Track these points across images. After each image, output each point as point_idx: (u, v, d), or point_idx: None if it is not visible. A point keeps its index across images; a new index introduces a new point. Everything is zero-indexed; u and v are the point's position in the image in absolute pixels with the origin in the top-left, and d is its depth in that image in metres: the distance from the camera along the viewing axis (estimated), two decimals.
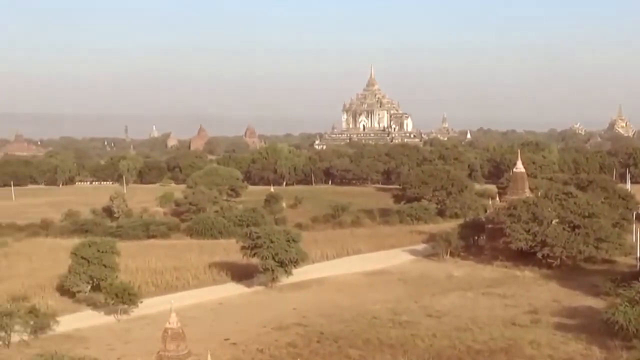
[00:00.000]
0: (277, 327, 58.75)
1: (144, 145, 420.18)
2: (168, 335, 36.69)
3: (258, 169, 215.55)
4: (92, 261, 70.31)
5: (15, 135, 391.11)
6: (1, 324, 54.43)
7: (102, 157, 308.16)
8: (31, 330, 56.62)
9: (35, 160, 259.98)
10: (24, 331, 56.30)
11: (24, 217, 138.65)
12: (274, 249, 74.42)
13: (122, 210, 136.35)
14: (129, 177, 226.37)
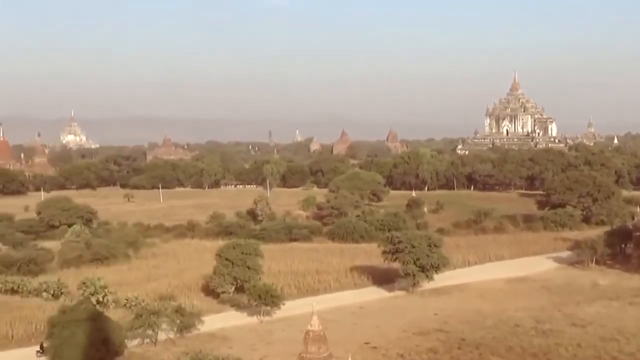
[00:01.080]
0: (417, 332, 58.29)
1: (288, 150, 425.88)
2: (309, 338, 36.94)
3: (400, 174, 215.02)
4: (236, 263, 71.59)
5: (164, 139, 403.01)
6: (149, 322, 55.99)
7: (246, 161, 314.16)
8: (177, 328, 58.08)
9: (182, 164, 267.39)
10: (170, 330, 57.80)
11: (172, 218, 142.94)
12: (415, 253, 74.00)
13: (266, 213, 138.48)
14: (273, 180, 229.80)
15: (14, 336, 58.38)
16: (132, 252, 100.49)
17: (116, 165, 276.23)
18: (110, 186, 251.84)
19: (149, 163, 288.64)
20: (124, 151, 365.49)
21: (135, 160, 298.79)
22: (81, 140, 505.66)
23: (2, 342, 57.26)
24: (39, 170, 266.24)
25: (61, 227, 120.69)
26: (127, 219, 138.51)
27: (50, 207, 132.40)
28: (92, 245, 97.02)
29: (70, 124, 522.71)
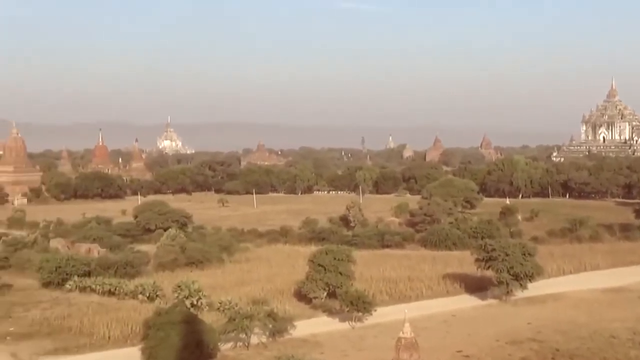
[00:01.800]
0: (510, 341, 57.53)
1: (380, 156, 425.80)
2: (401, 345, 36.87)
3: (493, 181, 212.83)
4: (328, 268, 71.79)
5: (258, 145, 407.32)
6: (242, 326, 56.59)
7: (339, 167, 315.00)
8: (269, 333, 58.55)
9: (275, 169, 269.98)
10: (262, 334, 58.31)
11: (265, 224, 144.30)
12: (509, 262, 73.06)
13: (358, 220, 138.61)
14: (365, 187, 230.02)
15: (110, 337, 59.70)
16: (226, 256, 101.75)
17: (211, 170, 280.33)
18: (205, 191, 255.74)
19: (243, 169, 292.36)
20: (218, 157, 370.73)
21: (230, 165, 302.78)
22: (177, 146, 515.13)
23: (100, 342, 58.66)
24: (136, 175, 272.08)
25: (157, 231, 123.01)
26: (222, 224, 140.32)
27: (146, 211, 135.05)
28: (187, 249, 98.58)
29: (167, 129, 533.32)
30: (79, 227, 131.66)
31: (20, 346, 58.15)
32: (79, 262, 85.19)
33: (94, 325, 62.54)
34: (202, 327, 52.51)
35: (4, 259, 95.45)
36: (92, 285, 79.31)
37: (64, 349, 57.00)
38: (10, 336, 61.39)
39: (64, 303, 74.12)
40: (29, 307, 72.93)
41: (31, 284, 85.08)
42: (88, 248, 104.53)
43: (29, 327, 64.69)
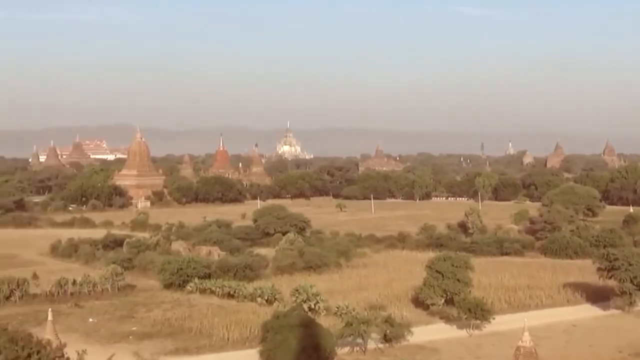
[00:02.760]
0: (634, 353, 55.85)
1: (500, 162, 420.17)
2: (520, 354, 36.33)
3: (616, 189, 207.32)
4: (446, 275, 71.29)
5: (376, 150, 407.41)
6: (359, 330, 56.67)
7: (458, 173, 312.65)
8: (386, 338, 58.47)
9: (394, 175, 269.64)
10: (379, 339, 58.27)
11: (382, 229, 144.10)
12: (632, 271, 70.97)
13: (477, 226, 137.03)
14: (484, 193, 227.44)
15: (229, 339, 60.65)
16: (344, 261, 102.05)
17: (329, 175, 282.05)
18: (324, 196, 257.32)
19: (361, 174, 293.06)
20: (337, 162, 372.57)
21: (348, 171, 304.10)
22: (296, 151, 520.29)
23: (219, 343, 59.68)
24: (256, 179, 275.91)
25: (276, 235, 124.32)
26: (339, 229, 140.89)
27: (265, 215, 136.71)
28: (305, 253, 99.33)
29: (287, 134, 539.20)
30: (199, 230, 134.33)
31: (142, 345, 59.71)
32: (200, 265, 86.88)
33: (214, 327, 63.72)
34: (320, 331, 52.82)
35: (127, 260, 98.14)
36: (212, 288, 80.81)
37: (184, 350, 58.24)
38: (133, 335, 63.11)
39: (184, 304, 75.77)
40: (151, 307, 74.84)
41: (153, 285, 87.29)
42: (208, 251, 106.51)
43: (151, 327, 66.36)
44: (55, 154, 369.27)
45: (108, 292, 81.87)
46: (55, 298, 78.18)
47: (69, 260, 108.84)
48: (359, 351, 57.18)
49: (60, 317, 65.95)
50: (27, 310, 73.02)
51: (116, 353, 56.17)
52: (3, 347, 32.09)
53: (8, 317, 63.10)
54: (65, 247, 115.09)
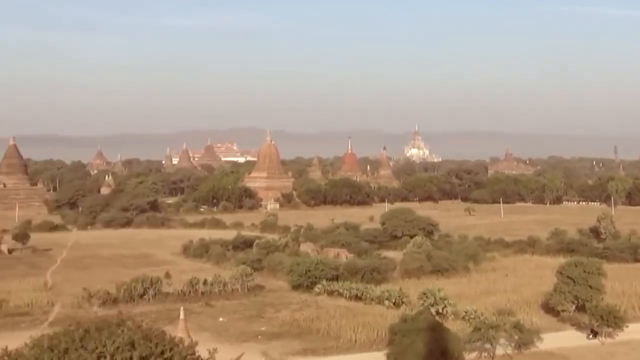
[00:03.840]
0: None
1: (634, 166, 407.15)
2: None
3: None
4: (577, 281, 69.65)
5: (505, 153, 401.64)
6: (487, 336, 55.97)
7: (590, 177, 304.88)
8: (515, 344, 57.54)
9: (523, 179, 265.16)
10: (508, 345, 57.40)
11: (511, 233, 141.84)
12: None
13: (610, 232, 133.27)
14: (617, 198, 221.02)
15: (357, 341, 60.85)
16: (472, 265, 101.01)
17: (458, 178, 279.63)
18: (452, 199, 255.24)
19: (490, 177, 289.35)
20: (465, 165, 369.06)
21: (477, 174, 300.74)
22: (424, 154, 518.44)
23: (346, 345, 59.96)
24: (384, 182, 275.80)
25: (403, 238, 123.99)
26: (468, 232, 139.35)
27: (393, 218, 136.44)
28: (433, 256, 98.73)
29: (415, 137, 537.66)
30: (327, 232, 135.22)
31: (271, 345, 60.56)
32: (328, 267, 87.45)
33: (341, 329, 64.04)
34: (447, 336, 52.45)
35: (257, 261, 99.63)
36: (339, 290, 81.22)
37: (312, 351, 58.75)
38: (262, 335, 64.08)
39: (312, 305, 76.43)
40: (279, 308, 75.81)
41: (282, 285, 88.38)
42: (336, 253, 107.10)
43: (280, 327, 67.23)
44: (188, 156, 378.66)
45: (238, 292, 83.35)
46: (187, 297, 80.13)
47: (200, 260, 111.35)
48: (487, 357, 56.47)
49: (192, 316, 67.53)
50: (160, 308, 75.15)
51: (245, 352, 57.09)
52: (137, 344, 33.02)
53: (142, 315, 65.02)
54: (196, 247, 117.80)
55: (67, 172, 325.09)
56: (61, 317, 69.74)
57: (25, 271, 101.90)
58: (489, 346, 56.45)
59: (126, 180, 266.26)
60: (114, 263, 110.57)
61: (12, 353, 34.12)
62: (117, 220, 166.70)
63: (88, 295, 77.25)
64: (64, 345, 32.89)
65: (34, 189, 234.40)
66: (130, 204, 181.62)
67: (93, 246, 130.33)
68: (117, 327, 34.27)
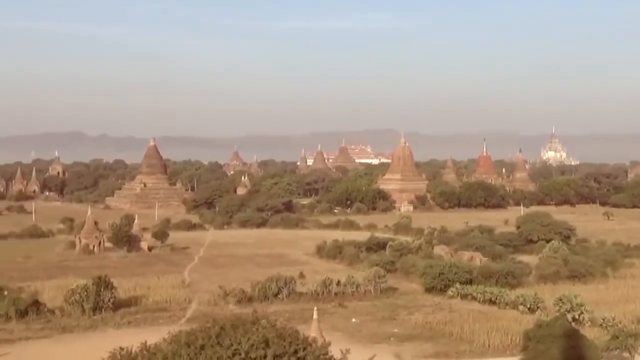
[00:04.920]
0: None
1: None
2: None
3: None
4: None
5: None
6: (626, 344, 54.41)
7: None
8: None
9: None
10: None
11: None
12: None
13: None
14: None
15: (490, 345, 60.21)
16: (610, 271, 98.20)
17: (596, 182, 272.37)
18: (589, 204, 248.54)
19: (630, 181, 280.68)
20: (604, 169, 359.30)
21: (617, 177, 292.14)
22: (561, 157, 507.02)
23: (479, 350, 59.39)
24: (519, 185, 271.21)
25: (539, 242, 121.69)
26: (606, 237, 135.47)
27: (529, 222, 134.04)
28: (570, 261, 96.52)
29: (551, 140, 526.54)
30: (461, 235, 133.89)
31: (403, 347, 60.54)
32: (461, 270, 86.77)
33: (474, 333, 63.46)
34: (584, 343, 51.19)
35: (390, 263, 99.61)
36: (473, 293, 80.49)
37: (445, 354, 58.45)
38: (394, 337, 64.11)
39: (445, 309, 75.99)
40: (412, 310, 75.67)
41: (415, 288, 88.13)
42: (470, 256, 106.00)
43: (412, 329, 67.13)
44: (322, 157, 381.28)
45: (371, 293, 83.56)
46: (320, 297, 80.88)
47: (333, 261, 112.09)
48: None
49: (325, 316, 68.17)
50: (293, 307, 76.13)
51: (377, 354, 57.42)
52: (272, 342, 33.57)
53: (276, 314, 66.01)
54: (330, 248, 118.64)
55: (204, 173, 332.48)
56: (198, 314, 71.61)
57: (164, 268, 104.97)
58: (627, 355, 54.84)
59: (262, 181, 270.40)
60: (249, 262, 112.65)
61: (151, 347, 35.27)
62: (252, 220, 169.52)
63: (224, 293, 78.99)
64: (200, 341, 33.79)
65: (173, 189, 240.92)
66: (266, 205, 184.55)
67: (229, 245, 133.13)
68: (252, 325, 34.96)
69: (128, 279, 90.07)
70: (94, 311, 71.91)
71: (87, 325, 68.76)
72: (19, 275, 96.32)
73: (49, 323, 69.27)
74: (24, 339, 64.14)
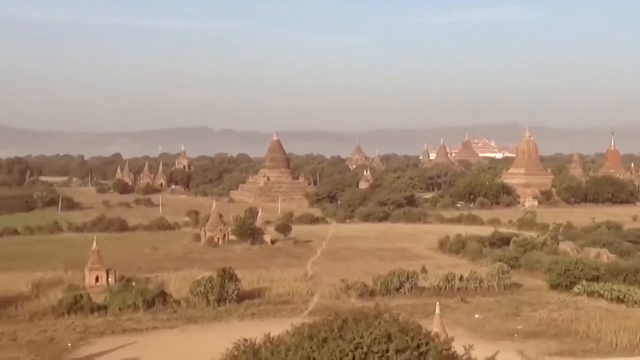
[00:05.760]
0: None
1: None
2: None
3: None
4: None
5: None
6: None
7: None
8: None
9: None
10: None
11: None
12: None
13: None
14: None
15: (617, 344, 58.57)
16: None
17: None
18: None
19: None
20: None
21: None
22: None
23: (606, 349, 57.89)
24: None
25: None
26: None
27: None
28: None
29: None
30: (588, 231, 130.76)
31: (527, 344, 59.55)
32: (588, 267, 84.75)
33: (601, 331, 61.89)
34: None
35: (514, 259, 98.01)
36: (600, 291, 78.43)
37: (570, 352, 57.23)
38: (518, 334, 63.14)
39: (571, 306, 74.37)
40: (536, 307, 74.33)
41: (539, 284, 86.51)
42: (597, 253, 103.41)
43: (536, 326, 65.97)
44: (445, 152, 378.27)
45: (494, 289, 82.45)
46: (442, 292, 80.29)
47: (456, 256, 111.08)
48: None
49: (447, 311, 67.67)
50: (415, 302, 75.84)
51: (500, 350, 56.66)
52: (394, 336, 33.53)
53: (398, 308, 65.78)
54: (452, 242, 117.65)
55: (327, 167, 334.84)
56: (320, 307, 72.12)
57: (287, 261, 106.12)
58: None
59: (384, 175, 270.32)
60: (370, 256, 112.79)
61: (274, 339, 35.73)
62: (374, 214, 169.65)
63: (346, 287, 79.33)
64: (322, 334, 34.04)
65: (296, 183, 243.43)
66: (388, 199, 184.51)
67: (351, 239, 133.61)
68: (374, 319, 35.01)
69: (251, 271, 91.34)
70: (218, 302, 73.29)
71: (211, 316, 70.16)
72: (146, 267, 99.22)
73: (174, 313, 71.02)
74: (151, 328, 65.97)
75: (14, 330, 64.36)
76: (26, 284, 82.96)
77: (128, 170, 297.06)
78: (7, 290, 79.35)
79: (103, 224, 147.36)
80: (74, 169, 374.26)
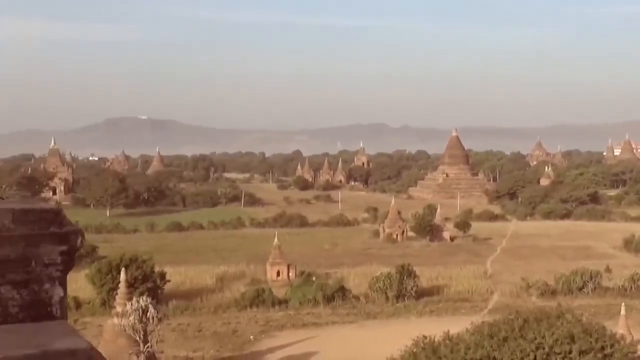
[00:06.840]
0: None
1: None
2: None
3: None
4: None
5: None
6: None
7: None
8: None
9: None
10: None
11: None
12: None
13: None
14: None
15: None
16: None
17: None
18: None
19: None
20: None
21: None
22: None
23: None
24: None
25: None
26: None
27: None
28: None
29: None
30: None
31: None
32: None
33: None
34: None
35: None
36: None
37: None
38: None
39: None
40: None
41: None
42: None
43: None
44: (630, 147, 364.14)
45: None
46: (628, 293, 77.74)
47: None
48: None
49: (633, 313, 65.28)
50: (599, 302, 73.75)
51: None
52: (577, 337, 32.82)
53: (581, 308, 64.07)
54: (638, 242, 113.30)
55: (506, 163, 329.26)
56: (499, 306, 71.30)
57: (466, 258, 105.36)
58: None
59: (565, 171, 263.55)
60: (552, 254, 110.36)
61: (453, 337, 35.66)
62: (556, 212, 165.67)
63: (526, 285, 78.12)
64: (503, 333, 33.73)
65: (475, 179, 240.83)
66: (570, 196, 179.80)
67: (531, 236, 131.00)
68: (556, 319, 34.38)
69: (430, 268, 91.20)
70: (397, 299, 73.74)
71: (390, 312, 70.68)
72: (325, 262, 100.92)
73: (354, 309, 72.01)
74: (330, 323, 67.15)
75: (199, 322, 67.09)
76: (211, 277, 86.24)
77: (308, 167, 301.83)
78: (193, 283, 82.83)
79: (284, 219, 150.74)
80: (256, 166, 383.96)
